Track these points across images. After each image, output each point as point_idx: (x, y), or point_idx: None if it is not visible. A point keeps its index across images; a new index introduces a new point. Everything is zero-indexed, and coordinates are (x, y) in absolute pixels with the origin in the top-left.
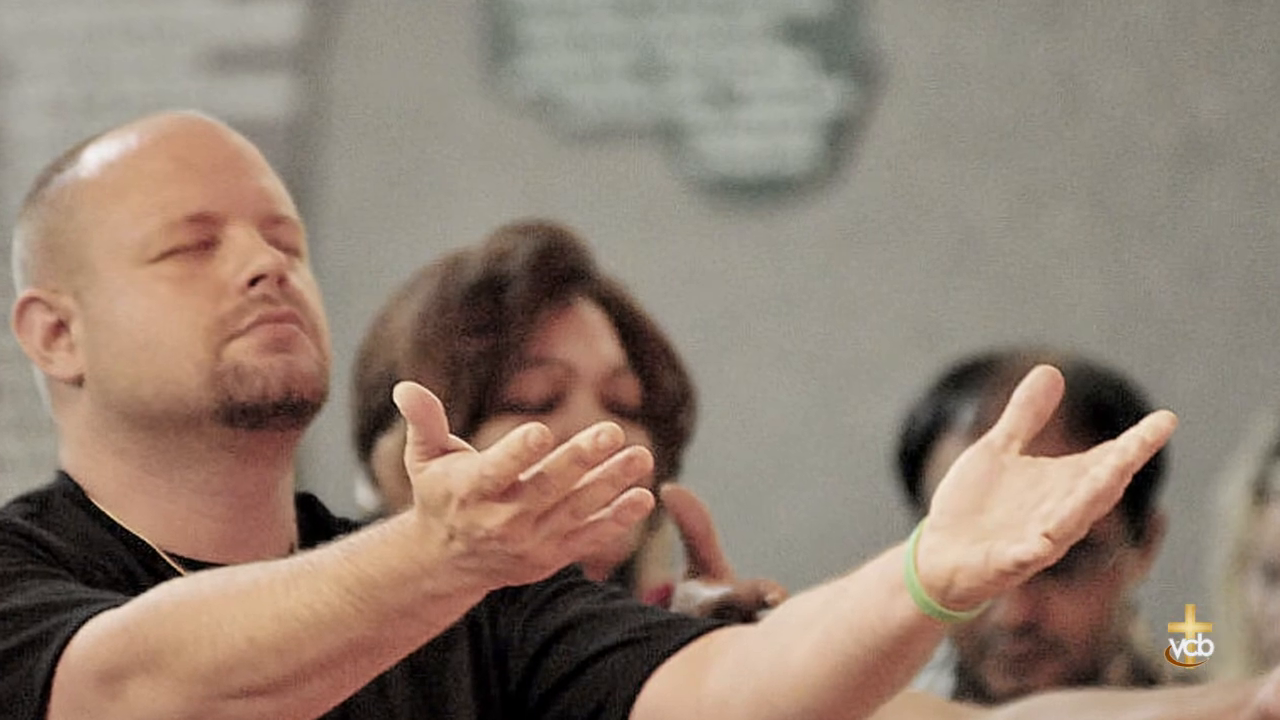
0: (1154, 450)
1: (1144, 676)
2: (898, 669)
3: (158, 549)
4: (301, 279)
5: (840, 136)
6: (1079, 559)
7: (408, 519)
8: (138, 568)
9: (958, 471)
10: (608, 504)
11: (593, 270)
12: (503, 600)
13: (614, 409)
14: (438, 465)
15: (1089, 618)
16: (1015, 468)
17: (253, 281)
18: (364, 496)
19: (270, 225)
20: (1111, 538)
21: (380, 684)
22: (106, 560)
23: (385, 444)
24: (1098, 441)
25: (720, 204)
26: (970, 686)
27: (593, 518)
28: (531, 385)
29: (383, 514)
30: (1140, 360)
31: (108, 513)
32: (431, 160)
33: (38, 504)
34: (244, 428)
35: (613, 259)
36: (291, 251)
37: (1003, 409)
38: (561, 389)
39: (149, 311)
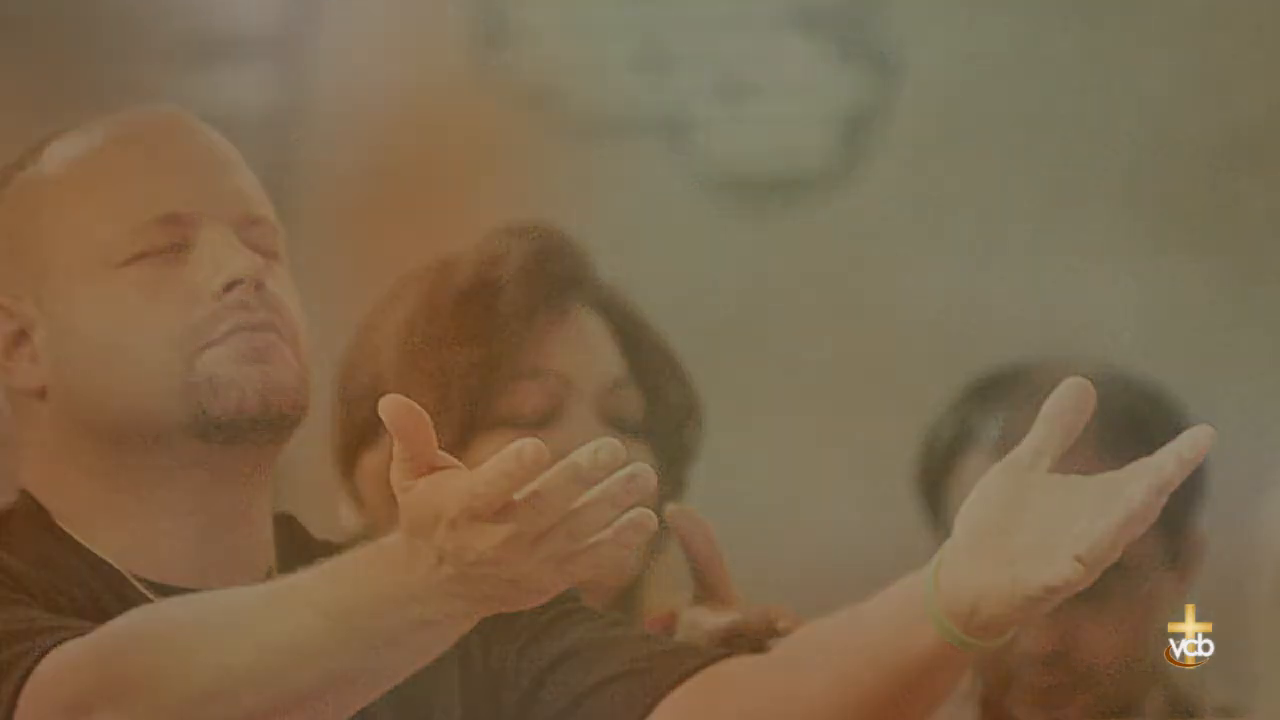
0: (1193, 467)
1: (1183, 709)
2: (918, 701)
3: (126, 573)
4: (280, 284)
5: (857, 131)
6: (1112, 583)
7: (393, 541)
8: (105, 593)
9: (982, 490)
10: (608, 525)
11: (591, 275)
12: (495, 627)
13: (614, 423)
14: (426, 483)
15: (1123, 646)
16: (1044, 486)
17: (228, 287)
18: (346, 517)
19: (247, 226)
20: (1147, 561)
21: (364, 717)
22: (71, 585)
23: (369, 460)
24: (1133, 458)
25: (729, 203)
26: None
27: (592, 540)
28: (526, 398)
29: (367, 535)
30: (1179, 371)
31: (72, 534)
32: (419, 157)
33: None
34: (218, 443)
35: (613, 263)
36: (269, 255)
37: (1030, 423)
38: (558, 402)
39: (116, 319)
